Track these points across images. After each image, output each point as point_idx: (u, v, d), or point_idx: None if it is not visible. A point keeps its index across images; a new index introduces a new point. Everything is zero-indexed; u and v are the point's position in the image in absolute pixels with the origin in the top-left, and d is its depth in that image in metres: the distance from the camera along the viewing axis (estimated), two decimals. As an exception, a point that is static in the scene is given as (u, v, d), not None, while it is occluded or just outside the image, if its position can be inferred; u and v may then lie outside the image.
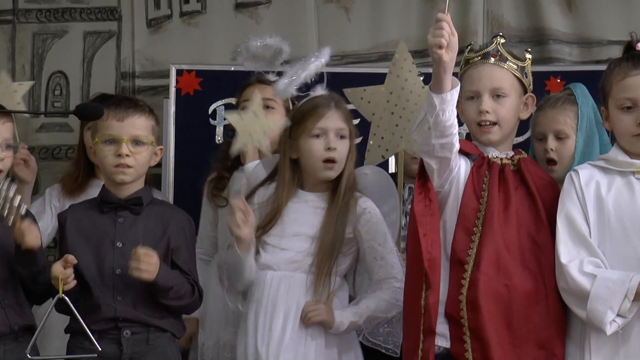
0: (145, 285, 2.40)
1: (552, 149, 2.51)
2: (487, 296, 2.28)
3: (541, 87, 2.99)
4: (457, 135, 2.31)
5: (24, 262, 2.44)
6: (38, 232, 2.41)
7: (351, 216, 2.59)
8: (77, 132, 3.29)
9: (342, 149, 2.55)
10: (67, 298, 2.31)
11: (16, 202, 2.34)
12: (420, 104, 2.56)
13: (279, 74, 2.74)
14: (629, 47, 2.28)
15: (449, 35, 2.09)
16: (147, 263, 2.40)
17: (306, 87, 2.61)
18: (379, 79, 2.90)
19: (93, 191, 2.92)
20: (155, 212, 2.63)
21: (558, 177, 2.43)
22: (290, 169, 2.65)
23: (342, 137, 2.56)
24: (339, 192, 2.62)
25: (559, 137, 2.51)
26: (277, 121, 2.63)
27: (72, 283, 2.33)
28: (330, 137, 2.54)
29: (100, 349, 2.32)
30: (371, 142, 2.83)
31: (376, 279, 2.58)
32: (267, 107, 2.81)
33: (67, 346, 2.53)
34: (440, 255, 2.38)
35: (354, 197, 2.63)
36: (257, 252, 2.63)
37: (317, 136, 2.53)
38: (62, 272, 2.32)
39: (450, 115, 2.20)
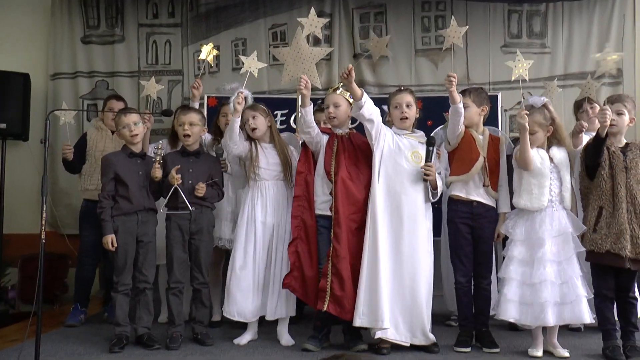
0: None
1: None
2: (340, 196, 3.41)
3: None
4: (315, 129, 3.46)
5: (153, 184, 3.56)
6: (161, 173, 3.49)
7: (289, 152, 3.68)
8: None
9: (258, 123, 3.62)
10: (178, 187, 3.49)
11: (159, 157, 3.49)
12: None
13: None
14: (398, 90, 3.59)
15: (305, 84, 3.40)
16: (202, 189, 3.51)
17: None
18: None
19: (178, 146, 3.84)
20: (204, 157, 3.75)
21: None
22: (250, 138, 3.67)
23: (254, 117, 3.62)
24: (279, 144, 3.66)
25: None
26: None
27: (179, 181, 3.48)
28: (249, 120, 3.62)
29: (190, 209, 3.48)
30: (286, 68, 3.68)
31: None
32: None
33: (167, 215, 3.57)
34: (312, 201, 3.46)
35: (286, 144, 3.71)
36: (254, 174, 3.56)
37: (247, 121, 3.63)
38: (177, 176, 3.49)
39: (308, 120, 3.41)
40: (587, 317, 3.23)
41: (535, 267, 3.22)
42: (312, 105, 3.42)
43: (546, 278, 3.19)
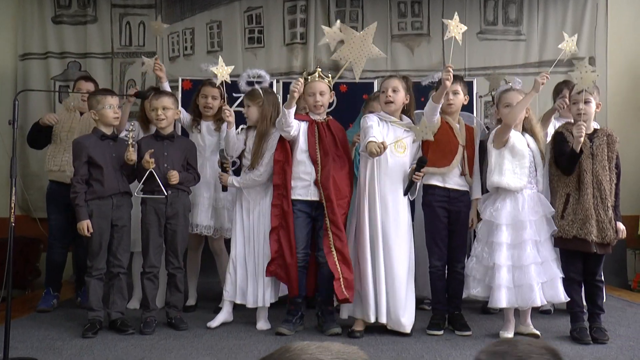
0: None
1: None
2: (325, 180, 3.44)
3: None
4: (294, 126, 3.40)
5: (127, 167, 3.56)
6: (136, 156, 3.49)
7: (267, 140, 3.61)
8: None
9: (250, 112, 3.64)
10: (153, 171, 3.49)
11: (132, 140, 3.49)
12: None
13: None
14: (388, 76, 3.60)
15: (298, 88, 3.32)
16: (174, 177, 3.50)
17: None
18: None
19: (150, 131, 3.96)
20: (179, 140, 3.76)
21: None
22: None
23: (248, 106, 3.64)
24: (258, 131, 3.61)
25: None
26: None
27: (153, 165, 3.48)
28: (243, 109, 3.68)
29: (165, 194, 3.49)
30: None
31: None
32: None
33: (142, 199, 3.58)
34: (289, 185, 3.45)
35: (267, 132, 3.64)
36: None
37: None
38: (151, 160, 3.47)
39: (289, 121, 3.37)
40: (563, 296, 3.29)
41: (523, 249, 3.26)
42: (295, 108, 3.36)
43: (533, 260, 3.25)
